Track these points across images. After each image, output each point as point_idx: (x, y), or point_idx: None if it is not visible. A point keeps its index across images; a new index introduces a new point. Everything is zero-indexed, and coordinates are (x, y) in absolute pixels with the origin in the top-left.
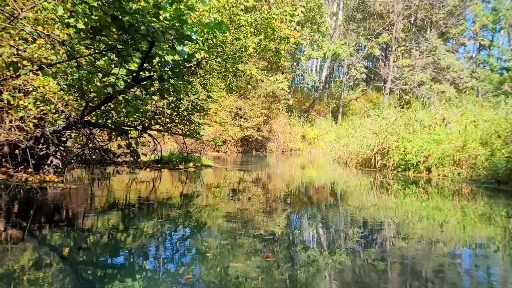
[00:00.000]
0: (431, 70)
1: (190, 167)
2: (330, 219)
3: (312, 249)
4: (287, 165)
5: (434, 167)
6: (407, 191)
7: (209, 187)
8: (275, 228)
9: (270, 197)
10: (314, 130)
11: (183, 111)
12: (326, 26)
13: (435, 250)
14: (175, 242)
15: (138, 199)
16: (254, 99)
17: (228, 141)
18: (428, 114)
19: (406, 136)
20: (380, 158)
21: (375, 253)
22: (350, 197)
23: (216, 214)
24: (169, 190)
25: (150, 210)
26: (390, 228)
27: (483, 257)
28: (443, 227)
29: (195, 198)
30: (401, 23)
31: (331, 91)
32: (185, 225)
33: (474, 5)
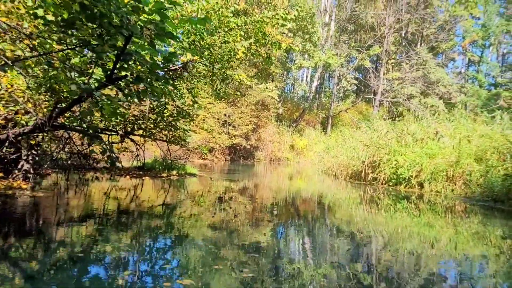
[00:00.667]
0: (421, 83)
1: (173, 175)
2: (316, 233)
3: (297, 263)
4: (275, 175)
5: (427, 182)
6: (398, 206)
7: (192, 197)
8: (259, 242)
9: (255, 209)
10: (303, 140)
11: (168, 117)
12: (318, 36)
13: (423, 268)
14: (153, 254)
15: (115, 208)
16: (243, 106)
17: (215, 149)
18: (420, 127)
19: (398, 149)
20: (371, 171)
21: (361, 268)
22: (338, 210)
23: (198, 226)
24: (149, 199)
25: (127, 221)
26: (378, 243)
27: (470, 278)
28: (434, 245)
29: (175, 208)
30: (392, 36)
31: (321, 101)
32: (165, 237)
33: (464, 21)
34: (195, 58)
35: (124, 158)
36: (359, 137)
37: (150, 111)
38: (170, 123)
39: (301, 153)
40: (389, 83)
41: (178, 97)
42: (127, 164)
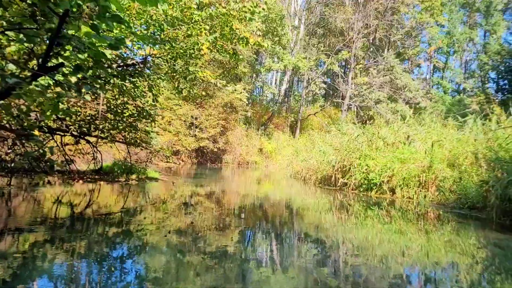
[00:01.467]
0: (388, 88)
1: (132, 180)
2: (284, 239)
3: (264, 270)
4: (242, 179)
5: (399, 188)
6: (369, 212)
7: (150, 203)
8: (225, 251)
9: (220, 217)
10: (272, 143)
11: (128, 117)
12: (287, 39)
13: (392, 275)
14: (110, 264)
15: (65, 215)
16: (211, 108)
17: (181, 152)
18: (391, 131)
19: (369, 153)
20: (341, 176)
21: (328, 274)
22: (306, 216)
23: (156, 234)
24: (103, 206)
25: (81, 228)
26: (347, 250)
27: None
28: (404, 253)
29: (131, 216)
30: (360, 41)
31: (290, 105)
32: (122, 245)
33: (430, 28)
34: (155, 52)
35: (83, 161)
36: (329, 141)
37: (109, 110)
38: (131, 124)
39: (270, 157)
40: (357, 87)
41: (138, 96)
42: (86, 167)
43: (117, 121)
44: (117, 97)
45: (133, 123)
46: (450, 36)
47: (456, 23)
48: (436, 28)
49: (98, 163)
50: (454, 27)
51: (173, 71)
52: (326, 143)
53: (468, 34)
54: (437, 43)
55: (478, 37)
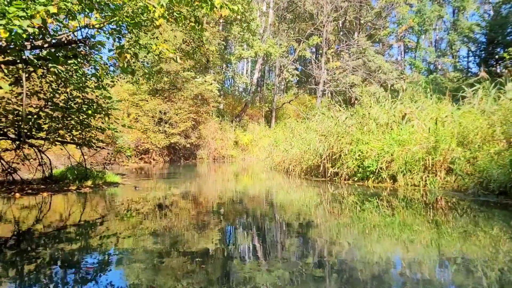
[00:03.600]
0: (362, 71)
1: (86, 187)
2: (271, 240)
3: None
4: (219, 174)
5: (400, 175)
6: (366, 205)
7: (90, 220)
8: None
9: (192, 232)
10: (247, 135)
11: (75, 112)
12: (256, 24)
13: (394, 274)
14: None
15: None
16: (180, 102)
17: (151, 150)
18: (383, 111)
19: (361, 137)
20: (331, 165)
21: (320, 275)
22: (293, 213)
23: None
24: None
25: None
26: (342, 248)
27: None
28: (408, 248)
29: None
30: (330, 25)
31: (264, 94)
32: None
33: (400, 7)
34: (93, 22)
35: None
36: (314, 127)
37: (51, 105)
38: (81, 121)
39: (246, 149)
40: (331, 72)
41: (87, 85)
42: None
43: (64, 118)
44: (60, 89)
45: (84, 120)
46: (420, 14)
47: (426, 1)
48: (405, 7)
49: (47, 169)
50: (424, 5)
51: (120, 47)
52: (310, 130)
53: (438, 12)
54: (408, 22)
55: (448, 14)
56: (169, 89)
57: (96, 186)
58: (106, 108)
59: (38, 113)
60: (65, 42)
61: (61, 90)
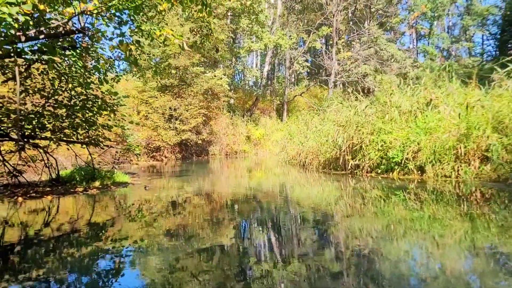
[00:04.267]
0: (376, 60)
1: (93, 188)
2: (287, 239)
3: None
4: (232, 170)
5: (429, 165)
6: (392, 198)
7: (97, 224)
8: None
9: (206, 239)
10: (259, 129)
11: (78, 109)
12: (265, 15)
13: (424, 271)
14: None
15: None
16: (190, 97)
17: (163, 148)
18: (406, 97)
19: (383, 126)
20: (351, 157)
21: (342, 272)
22: (312, 208)
23: None
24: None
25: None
26: (365, 243)
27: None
28: (438, 244)
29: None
30: (340, 15)
31: (274, 87)
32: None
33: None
34: (90, 7)
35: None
36: (331, 117)
37: (56, 103)
38: (86, 119)
39: (259, 144)
40: (342, 63)
41: (84, 79)
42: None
43: (68, 116)
44: (63, 85)
45: (89, 118)
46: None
47: None
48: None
49: (54, 171)
50: None
51: (121, 35)
52: (327, 120)
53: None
54: (420, 8)
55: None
56: (179, 85)
57: (104, 187)
58: (111, 105)
59: (42, 111)
60: (63, 32)
61: (64, 87)
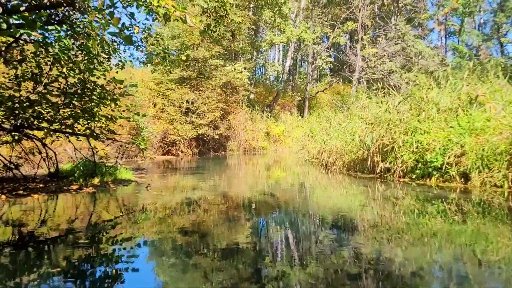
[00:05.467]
0: (402, 57)
1: (90, 186)
2: (308, 249)
3: None
4: (250, 168)
5: (475, 172)
6: (428, 208)
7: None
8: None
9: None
10: (279, 126)
11: (77, 98)
12: (288, 7)
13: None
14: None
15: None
16: (208, 91)
17: (178, 142)
18: (445, 94)
19: (419, 125)
20: (381, 159)
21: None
22: (336, 216)
23: None
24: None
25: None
26: (394, 256)
27: None
28: (480, 262)
29: None
30: (367, 10)
31: (296, 83)
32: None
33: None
34: None
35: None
36: (359, 114)
37: (51, 90)
38: (84, 109)
39: (278, 141)
40: (367, 59)
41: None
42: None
43: (65, 105)
44: (59, 70)
45: (88, 108)
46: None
47: None
48: None
49: (53, 165)
50: None
51: (112, 5)
52: (354, 117)
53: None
54: (452, 3)
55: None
56: (197, 77)
57: (103, 184)
58: (111, 93)
59: (39, 99)
60: (48, 4)
61: (59, 72)
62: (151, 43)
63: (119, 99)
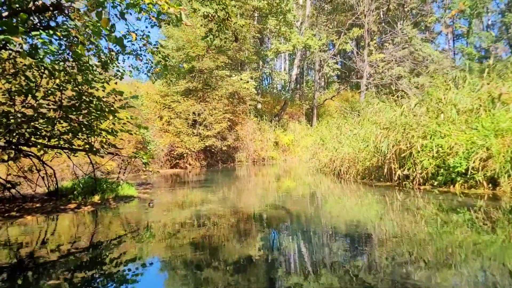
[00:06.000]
0: (410, 61)
1: (89, 204)
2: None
3: None
4: (260, 179)
5: (504, 177)
6: (452, 217)
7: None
8: None
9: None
10: (288, 135)
11: (73, 111)
12: (293, 15)
13: None
14: None
15: None
16: (214, 101)
17: (186, 155)
18: (465, 93)
19: (439, 128)
20: (398, 165)
21: None
22: (354, 227)
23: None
24: None
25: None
26: (417, 268)
27: None
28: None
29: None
30: (372, 15)
31: (303, 92)
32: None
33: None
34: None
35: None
36: (373, 118)
37: (44, 104)
38: (82, 124)
39: (287, 150)
40: (375, 65)
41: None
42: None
43: (62, 119)
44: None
45: (86, 122)
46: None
47: None
48: None
49: (51, 183)
50: None
51: (98, 5)
52: (367, 122)
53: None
54: (459, 6)
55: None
56: (203, 89)
57: (103, 202)
58: (108, 105)
59: (35, 115)
60: (33, 9)
61: (55, 85)
62: (149, 51)
63: (117, 111)
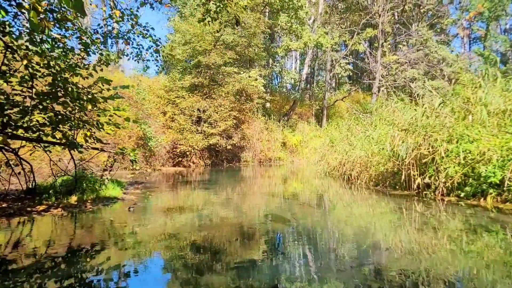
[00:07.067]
0: (425, 63)
1: (61, 206)
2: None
3: None
4: (266, 182)
5: None
6: (481, 234)
7: None
8: None
9: None
10: (296, 135)
11: (48, 99)
12: (306, 11)
13: None
14: None
15: None
16: (220, 98)
17: (189, 153)
18: (497, 92)
19: (467, 131)
20: (418, 172)
21: None
22: (369, 243)
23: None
24: None
25: None
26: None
27: None
28: None
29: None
30: (387, 16)
31: (313, 92)
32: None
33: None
34: None
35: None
36: (390, 119)
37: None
38: (61, 116)
39: (295, 151)
40: (388, 66)
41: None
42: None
43: (35, 107)
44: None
45: (63, 113)
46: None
47: None
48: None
49: (29, 180)
50: None
51: None
52: (383, 122)
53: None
54: (477, 7)
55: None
56: (209, 85)
57: (79, 204)
58: (86, 92)
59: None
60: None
61: (23, 69)
62: (139, 33)
63: (98, 100)
